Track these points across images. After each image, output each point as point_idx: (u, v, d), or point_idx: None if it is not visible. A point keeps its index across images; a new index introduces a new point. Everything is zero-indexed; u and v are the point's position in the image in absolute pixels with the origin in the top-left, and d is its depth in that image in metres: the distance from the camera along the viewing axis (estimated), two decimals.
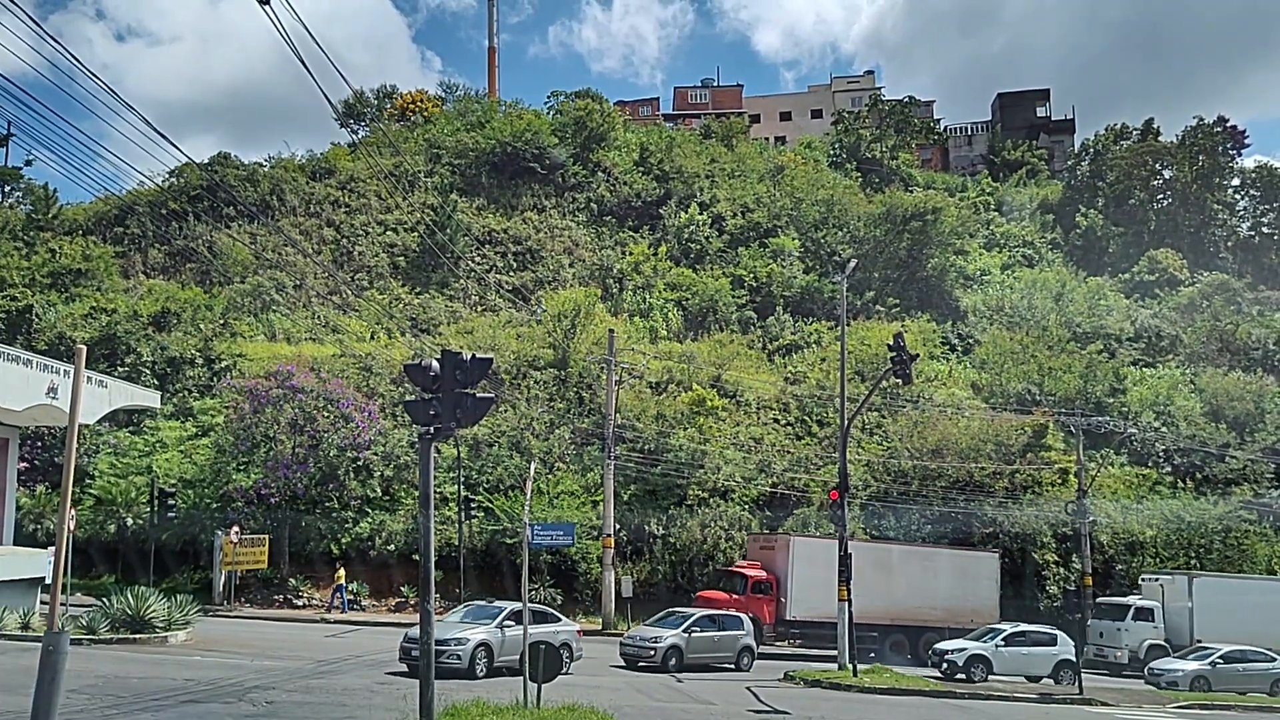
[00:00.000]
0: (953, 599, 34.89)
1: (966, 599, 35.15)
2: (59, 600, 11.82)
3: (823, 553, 33.72)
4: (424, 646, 12.96)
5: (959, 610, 34.75)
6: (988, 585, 35.84)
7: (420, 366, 13.35)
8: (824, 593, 32.25)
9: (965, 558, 36.64)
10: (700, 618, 27.14)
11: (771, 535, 36.47)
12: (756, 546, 35.72)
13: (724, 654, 27.04)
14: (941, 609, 34.61)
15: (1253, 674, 30.43)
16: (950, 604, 34.82)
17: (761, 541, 35.80)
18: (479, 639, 21.41)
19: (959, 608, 34.83)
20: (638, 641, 26.13)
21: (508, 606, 22.82)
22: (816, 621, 32.82)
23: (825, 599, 32.33)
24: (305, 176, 62.94)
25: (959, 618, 34.37)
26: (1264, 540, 41.68)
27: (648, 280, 56.61)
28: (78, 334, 44.69)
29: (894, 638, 33.67)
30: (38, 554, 27.37)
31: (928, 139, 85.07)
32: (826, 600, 32.25)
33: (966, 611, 34.78)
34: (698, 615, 27.33)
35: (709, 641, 26.76)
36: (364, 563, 37.74)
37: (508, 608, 22.73)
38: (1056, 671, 29.46)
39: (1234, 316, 57.60)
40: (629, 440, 40.38)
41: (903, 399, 44.71)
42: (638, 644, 26.04)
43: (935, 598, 34.55)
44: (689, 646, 26.05)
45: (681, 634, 26.07)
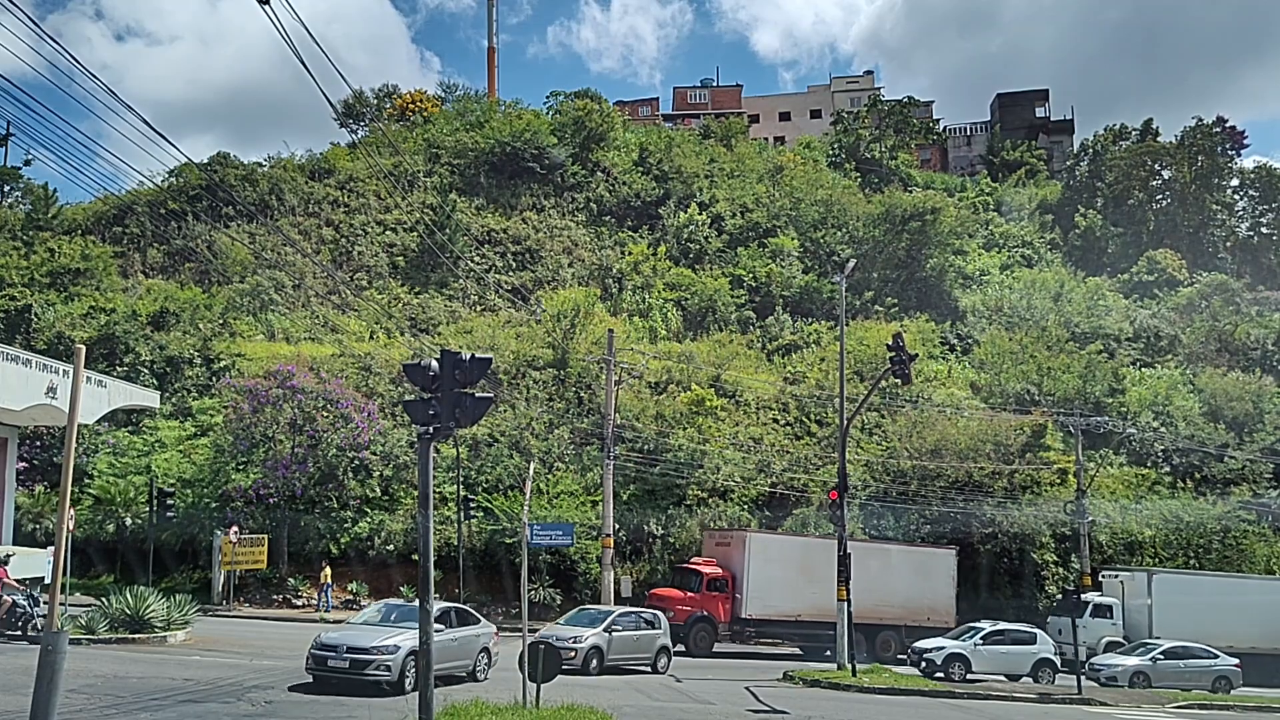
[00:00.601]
0: (910, 596, 34.49)
1: (924, 596, 34.77)
2: (58, 600, 11.81)
3: (780, 549, 33.80)
4: (424, 646, 12.94)
5: (916, 607, 34.44)
6: (945, 582, 35.54)
7: (419, 366, 13.34)
8: (781, 590, 32.44)
9: (923, 554, 36.37)
10: (621, 615, 25.02)
11: (728, 531, 36.05)
12: (713, 543, 35.12)
13: (643, 655, 25.09)
14: (899, 606, 34.21)
15: (1194, 670, 30.44)
16: (908, 601, 34.39)
17: (717, 538, 35.22)
18: (410, 647, 17.47)
19: (916, 605, 34.50)
20: (554, 641, 22.57)
21: None
22: (773, 620, 32.59)
23: (782, 597, 32.48)
24: (304, 176, 62.92)
25: (916, 615, 34.19)
26: (1263, 540, 41.71)
27: (647, 280, 56.62)
28: (77, 334, 44.68)
29: None
30: (37, 554, 27.38)
31: (927, 139, 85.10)
32: (784, 598, 32.48)
33: (924, 609, 34.51)
34: (618, 612, 25.21)
35: (630, 641, 24.66)
36: (363, 563, 37.74)
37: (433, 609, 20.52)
38: (1035, 670, 29.46)
39: (1233, 317, 57.62)
40: (628, 440, 40.38)
41: (902, 399, 44.73)
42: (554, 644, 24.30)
43: (893, 595, 34.09)
44: (611, 647, 23.85)
45: (603, 633, 23.69)
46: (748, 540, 33.26)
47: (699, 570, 32.81)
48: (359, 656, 17.70)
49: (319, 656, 17.96)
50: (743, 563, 32.64)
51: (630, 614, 25.42)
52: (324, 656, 17.88)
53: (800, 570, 32.83)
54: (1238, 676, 31.01)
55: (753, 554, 32.75)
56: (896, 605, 34.18)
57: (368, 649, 17.82)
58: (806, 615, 32.64)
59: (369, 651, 17.77)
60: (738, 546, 33.32)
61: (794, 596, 32.63)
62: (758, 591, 32.30)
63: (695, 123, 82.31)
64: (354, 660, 17.63)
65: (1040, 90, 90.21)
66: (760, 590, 32.30)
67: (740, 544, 33.25)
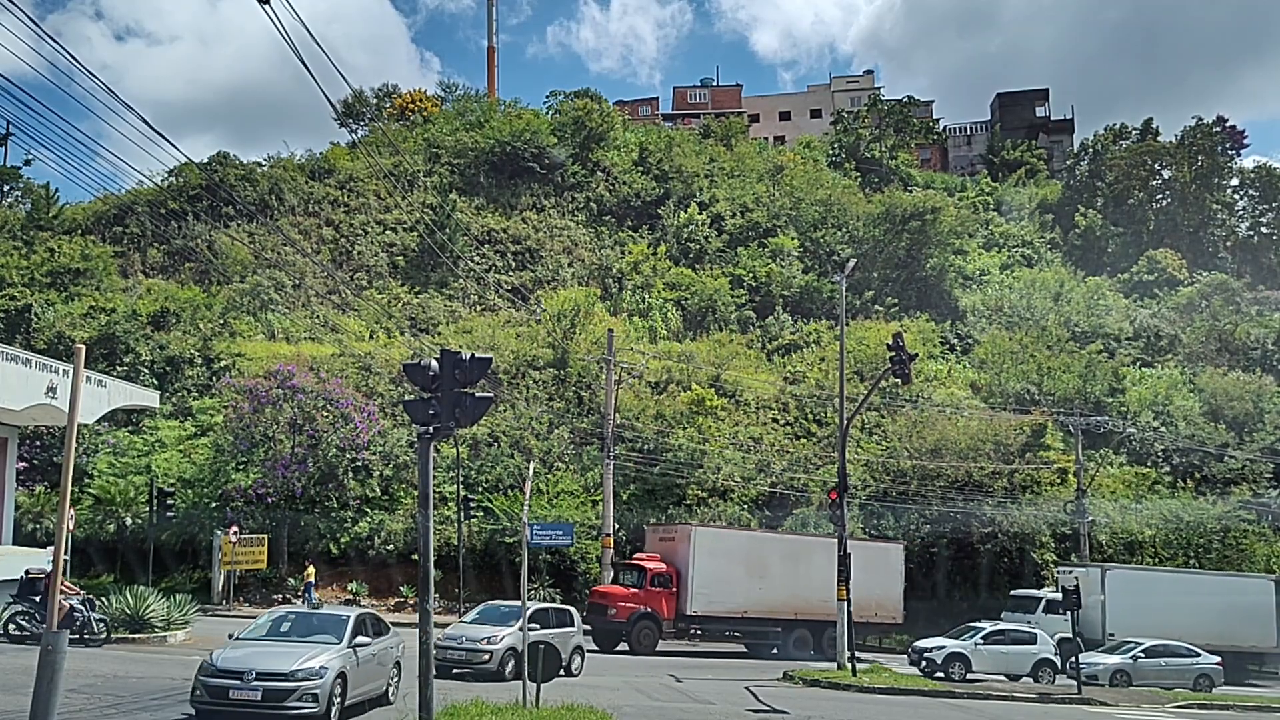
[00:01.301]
0: (859, 592, 33.11)
1: (874, 591, 33.71)
2: (58, 599, 11.80)
3: (726, 544, 32.75)
4: (424, 646, 12.93)
5: (866, 603, 33.14)
6: (894, 578, 34.83)
7: (419, 366, 13.34)
8: (727, 586, 31.45)
9: (872, 549, 35.39)
10: (537, 611, 22.19)
11: (671, 525, 34.95)
12: (656, 538, 33.77)
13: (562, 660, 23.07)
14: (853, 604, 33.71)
15: (1175, 669, 30.36)
16: (858, 597, 32.99)
17: (661, 532, 33.95)
18: (338, 667, 14.47)
19: (865, 601, 32.99)
20: (464, 643, 20.75)
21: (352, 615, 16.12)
22: (718, 616, 31.63)
23: (728, 593, 31.48)
24: (304, 176, 62.93)
25: (864, 611, 32.93)
26: (1262, 540, 41.72)
27: (647, 280, 56.64)
28: (76, 333, 44.66)
29: (798, 632, 32.49)
30: (37, 553, 27.34)
31: (927, 139, 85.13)
32: (730, 594, 31.51)
33: (872, 604, 33.57)
34: (533, 608, 21.80)
35: None
36: (363, 563, 37.75)
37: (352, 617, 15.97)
38: (1035, 670, 29.41)
39: (1233, 316, 57.63)
40: (628, 440, 40.39)
41: (902, 399, 44.74)
42: (466, 646, 20.75)
43: None
44: None
45: (519, 633, 19.72)
46: (693, 534, 31.97)
47: (642, 566, 31.54)
48: (275, 684, 13.70)
49: (215, 687, 13.64)
50: (688, 558, 31.41)
51: (545, 610, 23.01)
52: (223, 686, 13.63)
53: (747, 565, 32.04)
54: (1219, 675, 30.98)
55: (698, 548, 31.55)
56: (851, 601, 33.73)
57: (286, 674, 13.78)
58: (753, 612, 31.94)
59: (288, 678, 13.76)
60: (683, 541, 31.98)
61: (740, 592, 31.77)
62: (703, 587, 31.22)
63: (695, 122, 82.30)
64: (268, 690, 13.67)
65: (1040, 90, 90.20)
66: (706, 586, 31.24)
67: (685, 538, 31.93)
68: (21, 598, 22.52)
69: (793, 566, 32.65)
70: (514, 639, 19.91)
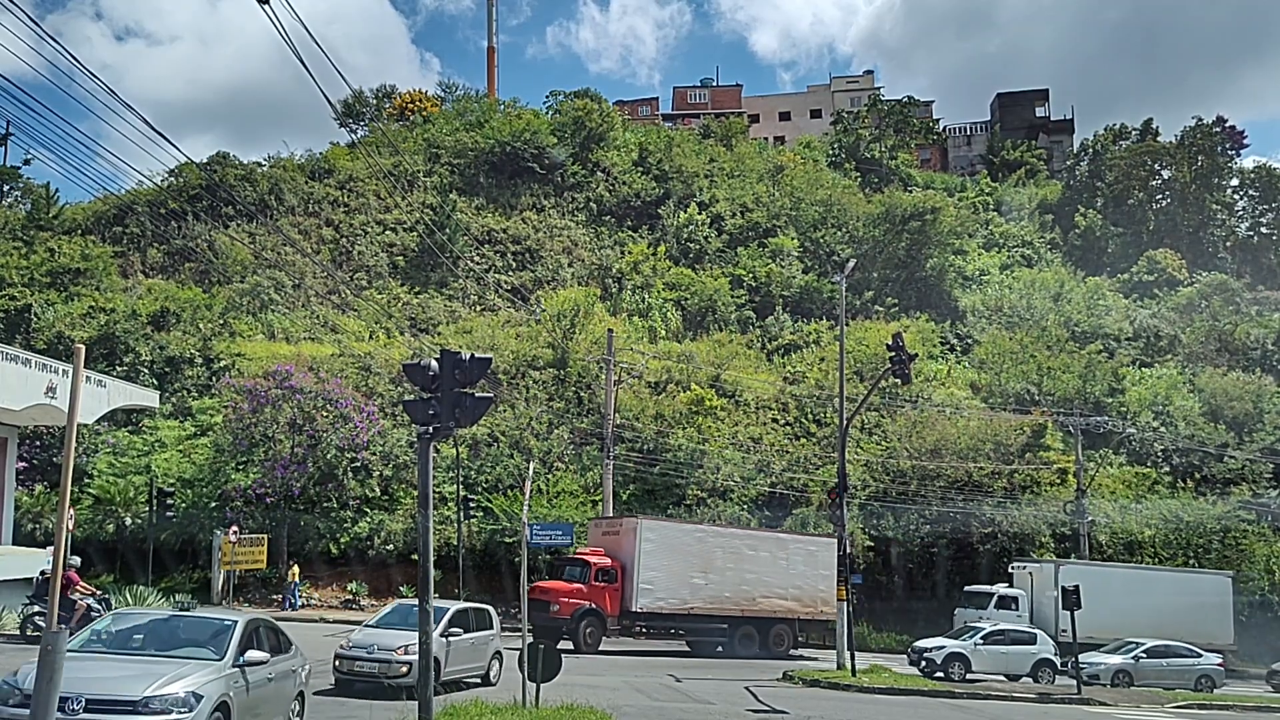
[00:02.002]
0: (803, 588, 33.09)
1: (817, 587, 33.25)
2: (57, 599, 11.78)
3: (675, 538, 31.68)
4: (423, 646, 12.91)
5: (809, 600, 33.13)
6: (830, 574, 33.32)
7: (419, 366, 13.33)
8: (674, 582, 30.58)
9: (818, 544, 34.67)
10: (457, 613, 19.32)
11: (617, 519, 33.72)
12: (599, 532, 32.66)
13: (477, 664, 19.91)
14: (793, 599, 32.87)
15: (1176, 669, 30.40)
16: (801, 594, 33.04)
17: (605, 526, 32.82)
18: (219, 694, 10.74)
19: (809, 597, 33.17)
20: (376, 653, 17.80)
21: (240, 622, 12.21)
22: (664, 613, 30.69)
23: (676, 589, 30.62)
24: (304, 176, 62.93)
25: (809, 608, 33.05)
26: (1262, 540, 41.70)
27: (647, 280, 56.64)
28: (76, 333, 44.64)
29: (744, 629, 31.78)
30: (36, 553, 27.36)
31: (927, 139, 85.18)
32: (675, 590, 30.64)
33: (817, 601, 33.12)
34: (452, 609, 19.29)
35: (467, 648, 19.29)
36: (363, 563, 37.74)
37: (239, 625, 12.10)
38: (1035, 670, 29.42)
39: (1233, 316, 57.64)
40: (628, 440, 40.39)
41: (901, 399, 44.74)
42: (377, 656, 17.75)
43: (787, 587, 32.71)
44: (450, 657, 18.41)
45: (440, 639, 17.69)
46: (639, 527, 30.71)
47: (586, 560, 30.30)
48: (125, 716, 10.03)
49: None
50: (634, 552, 30.26)
51: (465, 611, 19.92)
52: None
53: (694, 561, 31.20)
54: (1220, 675, 30.98)
55: (645, 542, 30.40)
56: (790, 598, 32.81)
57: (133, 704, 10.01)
58: (699, 608, 31.11)
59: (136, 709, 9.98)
60: (628, 534, 30.83)
61: (687, 588, 30.89)
62: (649, 583, 30.14)
63: (695, 122, 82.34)
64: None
65: (1040, 90, 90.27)
66: (651, 581, 30.19)
67: (631, 531, 30.82)
68: (39, 598, 22.65)
69: (739, 562, 31.96)
70: (437, 646, 16.86)
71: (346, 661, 18.04)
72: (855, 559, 36.26)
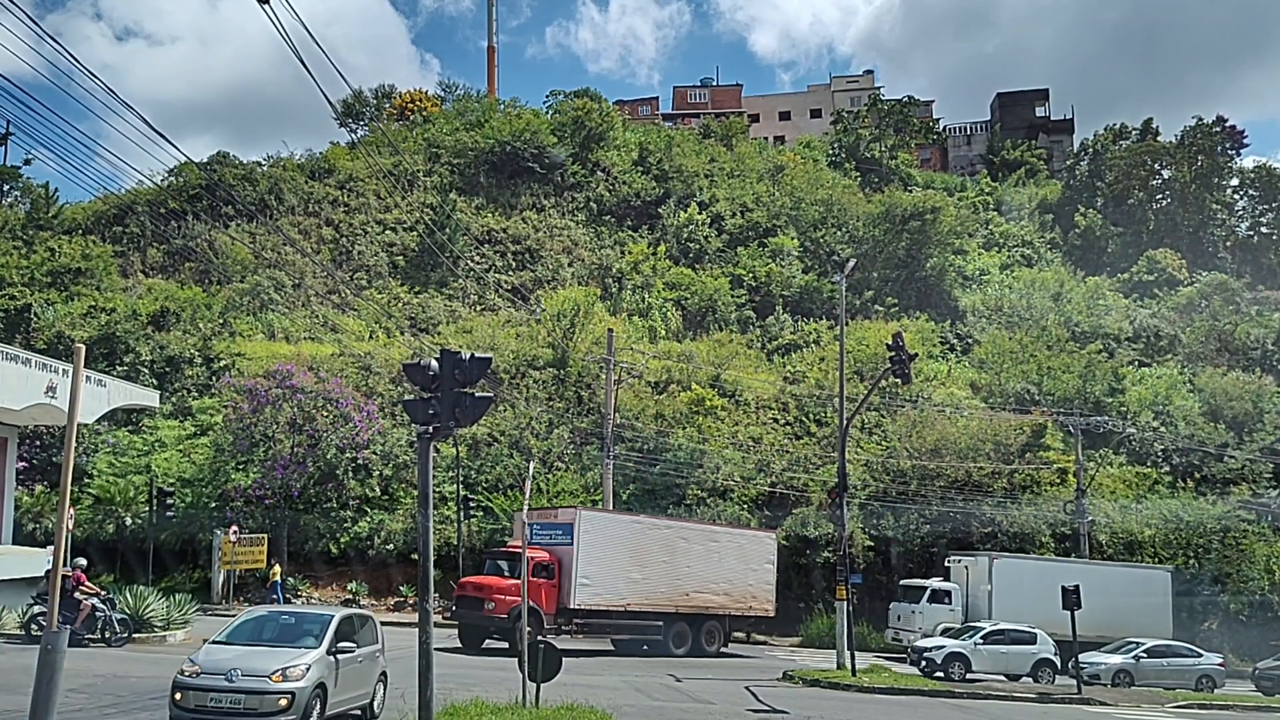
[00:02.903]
0: (736, 583, 31.92)
1: (749, 583, 32.26)
2: (57, 599, 11.79)
3: (615, 530, 29.98)
4: (424, 646, 12.91)
5: (741, 595, 32.05)
6: (768, 569, 33.08)
7: (419, 366, 13.34)
8: (612, 577, 28.94)
9: (746, 537, 33.69)
10: (342, 624, 14.40)
11: (551, 509, 31.96)
12: None
13: (363, 690, 14.99)
14: (724, 594, 31.59)
15: (1177, 669, 30.31)
16: (732, 588, 31.83)
17: (542, 516, 30.68)
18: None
19: (741, 592, 32.06)
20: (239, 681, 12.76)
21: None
22: (602, 610, 28.80)
23: (613, 584, 28.97)
24: (304, 176, 62.95)
25: (740, 603, 32.03)
26: (1262, 540, 41.66)
27: (647, 280, 56.65)
28: (76, 333, 44.66)
29: (677, 627, 30.43)
30: (36, 553, 27.37)
31: (927, 139, 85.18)
32: (614, 585, 29.01)
33: (747, 597, 32.25)
34: (337, 618, 14.42)
35: (356, 670, 14.55)
36: (363, 562, 37.75)
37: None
38: (1035, 670, 29.37)
39: (1233, 316, 57.62)
40: (628, 440, 40.39)
41: (901, 399, 44.73)
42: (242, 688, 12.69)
43: (719, 582, 31.40)
44: (340, 680, 13.89)
45: (326, 658, 13.61)
46: (578, 518, 28.86)
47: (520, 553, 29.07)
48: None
49: None
50: (572, 545, 28.39)
51: (350, 619, 15.11)
52: None
53: (631, 554, 29.50)
54: (1221, 675, 30.93)
55: (584, 535, 28.50)
56: (721, 593, 31.52)
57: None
58: (635, 605, 29.44)
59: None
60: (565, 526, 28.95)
61: (623, 583, 29.23)
62: (587, 578, 28.24)
63: (695, 122, 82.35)
64: None
65: (1040, 90, 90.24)
66: (589, 576, 28.33)
67: (569, 522, 29.02)
68: (44, 598, 22.68)
69: (672, 555, 30.54)
70: (322, 669, 13.36)
71: (194, 695, 12.58)
72: (855, 559, 36.27)
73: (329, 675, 13.57)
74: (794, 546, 38.67)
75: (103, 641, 22.31)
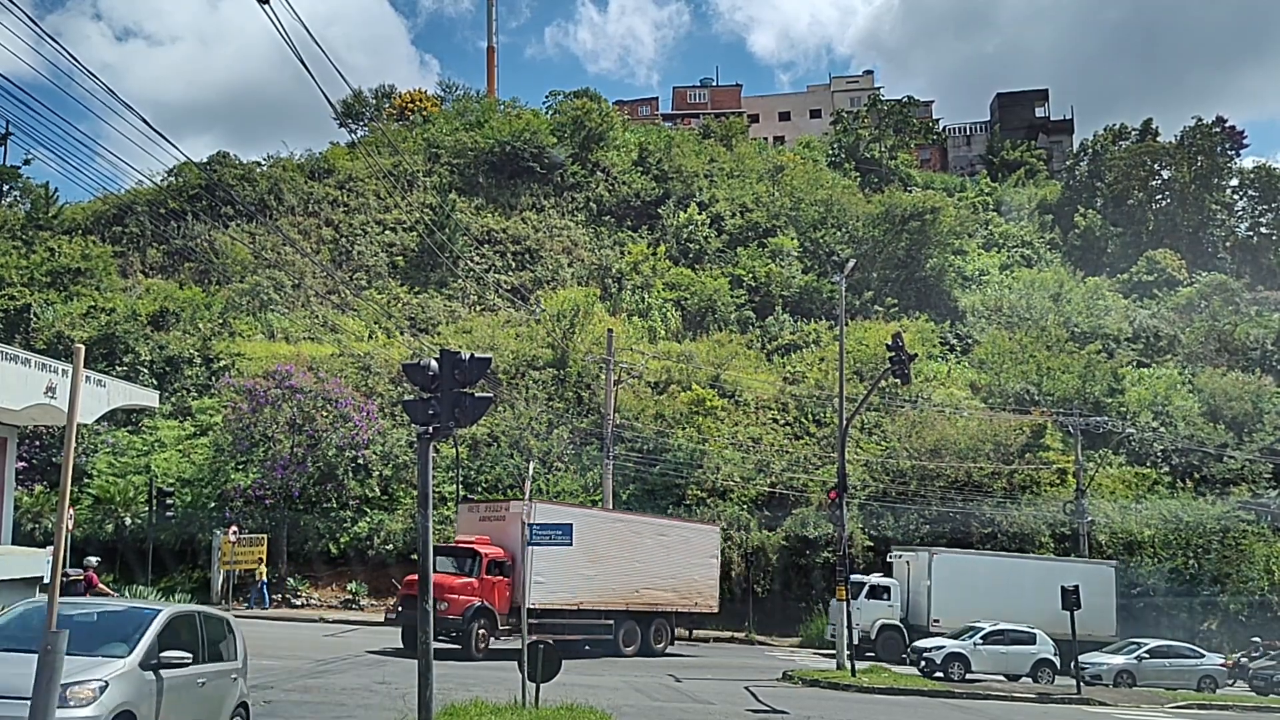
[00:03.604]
0: (682, 579, 30.58)
1: (694, 578, 30.96)
2: (57, 600, 11.77)
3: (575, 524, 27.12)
4: (424, 646, 12.91)
5: (688, 591, 30.71)
6: (712, 563, 31.93)
7: (419, 366, 13.33)
8: (566, 574, 27.13)
9: (693, 530, 32.40)
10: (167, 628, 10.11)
11: (498, 502, 30.13)
12: (475, 518, 28.34)
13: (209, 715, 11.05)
14: (671, 590, 30.24)
15: (1179, 670, 30.28)
16: (679, 584, 30.47)
17: (484, 511, 28.69)
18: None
19: (687, 589, 30.69)
20: None
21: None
22: (555, 609, 27.02)
23: (567, 581, 27.26)
24: (304, 176, 62.94)
25: (686, 600, 30.75)
26: (1262, 540, 41.69)
27: (646, 280, 56.66)
28: (76, 333, 44.65)
29: (627, 625, 29.14)
30: (36, 553, 27.26)
31: (926, 139, 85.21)
32: (568, 583, 27.32)
33: (693, 593, 30.97)
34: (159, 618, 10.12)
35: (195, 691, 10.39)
36: (363, 562, 37.73)
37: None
38: (1035, 670, 29.36)
39: (1232, 317, 57.65)
40: (628, 440, 40.39)
41: (901, 399, 44.74)
42: None
43: (668, 577, 30.07)
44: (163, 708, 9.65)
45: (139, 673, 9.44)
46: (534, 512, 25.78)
47: (476, 550, 26.31)
48: None
49: None
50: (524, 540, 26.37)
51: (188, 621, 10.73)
52: None
53: (585, 549, 27.10)
54: (1222, 676, 30.92)
55: None
56: (670, 589, 30.11)
57: None
58: (587, 603, 27.88)
59: None
60: (515, 520, 25.14)
61: (576, 580, 27.57)
62: (541, 574, 26.33)
63: (695, 122, 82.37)
64: None
65: (1040, 90, 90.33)
66: (543, 573, 26.43)
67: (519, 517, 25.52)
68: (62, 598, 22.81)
69: (622, 550, 29.11)
70: (129, 689, 9.23)
71: None
72: (855, 559, 36.25)
73: (143, 700, 9.27)
74: (794, 547, 38.70)
75: None
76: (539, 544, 19.38)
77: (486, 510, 28.77)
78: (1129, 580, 39.98)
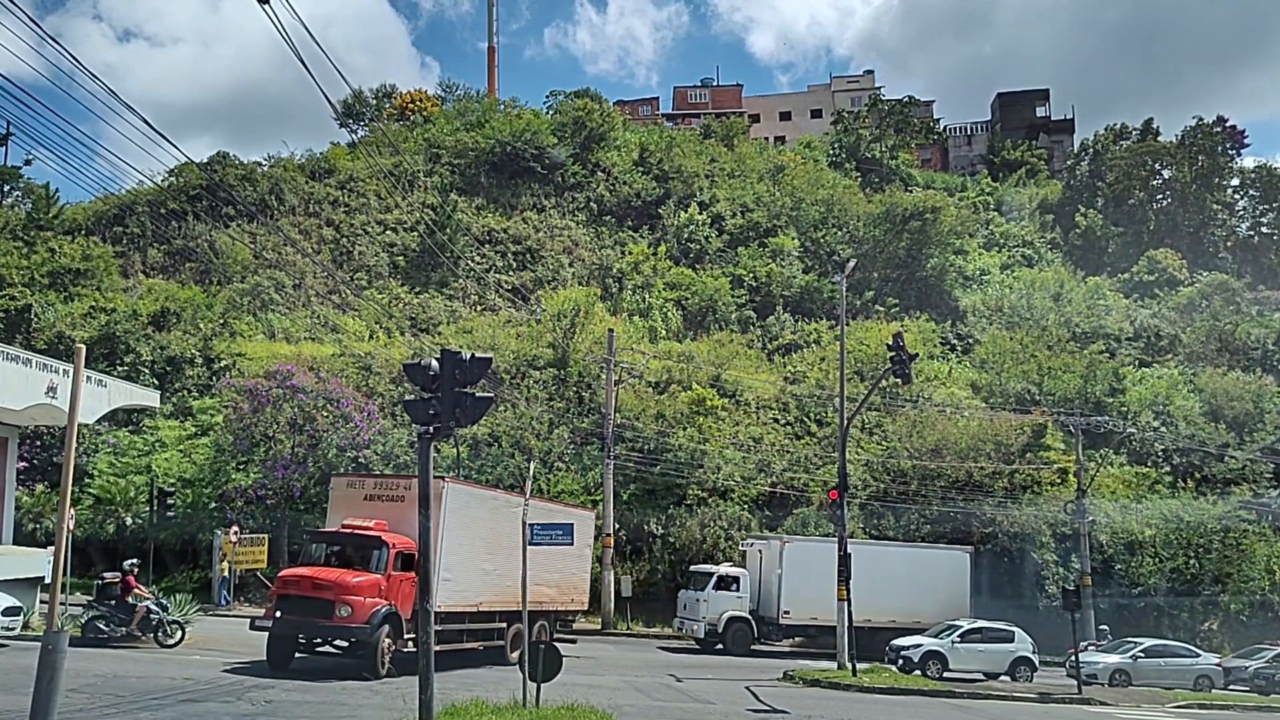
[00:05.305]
0: (563, 573, 26.65)
1: (573, 571, 27.28)
2: (58, 599, 11.81)
3: (476, 510, 22.93)
4: (424, 646, 12.93)
5: (566, 587, 27.06)
6: (587, 554, 28.68)
7: (419, 366, 13.35)
8: (469, 570, 22.39)
9: (576, 516, 26.07)
10: None
11: (393, 478, 23.84)
12: (361, 496, 22.22)
13: None
14: (555, 586, 26.13)
15: (1174, 669, 30.32)
16: (561, 579, 26.57)
17: (371, 488, 22.41)
18: None
19: (567, 584, 27.02)
20: None
21: None
22: (458, 612, 22.05)
23: (470, 579, 22.40)
24: (304, 176, 62.95)
25: (565, 596, 27.12)
26: (1263, 540, 41.69)
27: (647, 280, 56.65)
28: (77, 333, 44.65)
29: (516, 627, 23.30)
30: (37, 553, 27.35)
31: (927, 139, 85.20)
32: (471, 581, 22.43)
33: (571, 589, 27.39)
34: None
35: None
36: None
37: None
38: (1014, 668, 29.36)
39: (1233, 316, 57.64)
40: (628, 440, 40.38)
41: (902, 399, 44.73)
42: None
43: (553, 571, 25.63)
44: None
45: None
46: (446, 492, 21.34)
47: (382, 540, 20.72)
48: None
49: None
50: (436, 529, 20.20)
51: None
52: None
53: (486, 540, 22.83)
54: (1219, 676, 30.92)
55: (450, 514, 21.33)
56: (554, 585, 25.93)
57: None
58: (485, 604, 23.04)
59: None
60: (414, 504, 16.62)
61: (478, 578, 22.78)
62: (449, 571, 21.34)
63: (696, 122, 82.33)
64: None
65: (1040, 90, 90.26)
66: (451, 569, 21.45)
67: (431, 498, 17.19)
68: (99, 602, 23.11)
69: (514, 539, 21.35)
70: None
71: None
72: None
73: None
74: None
75: (155, 643, 22.64)
76: (539, 544, 17.53)
77: (376, 487, 22.49)
78: (1130, 579, 40.02)
